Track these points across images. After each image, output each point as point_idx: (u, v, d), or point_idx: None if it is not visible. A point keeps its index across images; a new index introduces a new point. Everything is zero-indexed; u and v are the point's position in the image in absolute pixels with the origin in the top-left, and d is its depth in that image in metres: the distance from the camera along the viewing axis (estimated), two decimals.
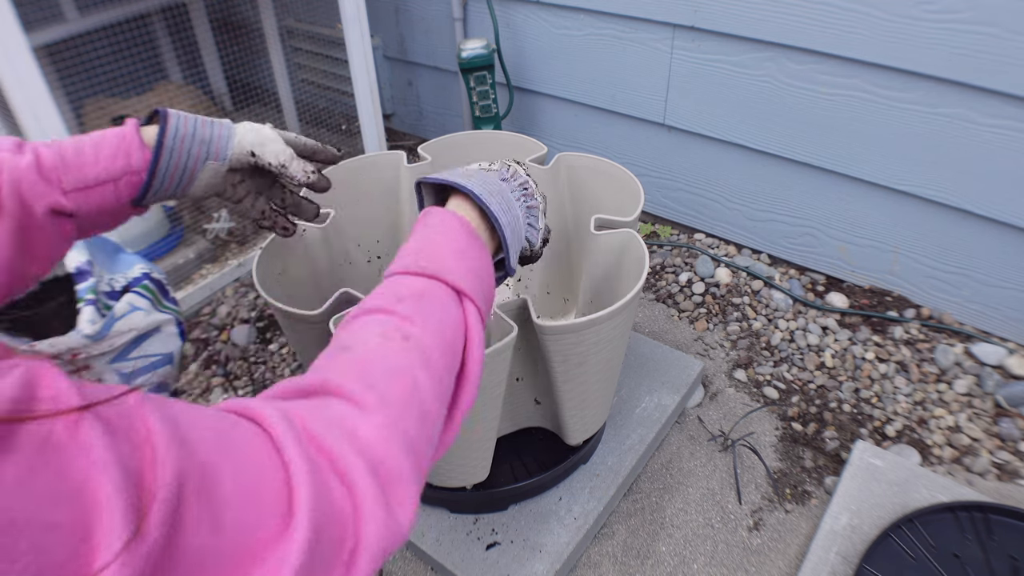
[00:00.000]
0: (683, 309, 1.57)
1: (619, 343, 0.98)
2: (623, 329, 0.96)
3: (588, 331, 0.88)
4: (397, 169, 1.21)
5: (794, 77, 1.39)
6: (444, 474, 1.03)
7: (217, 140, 0.73)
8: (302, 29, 2.13)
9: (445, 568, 1.04)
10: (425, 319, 0.49)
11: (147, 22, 2.10)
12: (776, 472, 1.22)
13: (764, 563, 1.08)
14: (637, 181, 1.10)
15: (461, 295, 0.53)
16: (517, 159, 0.79)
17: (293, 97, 2.21)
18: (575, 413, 1.02)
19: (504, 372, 0.89)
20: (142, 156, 0.68)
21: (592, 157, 1.18)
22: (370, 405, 0.42)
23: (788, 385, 1.37)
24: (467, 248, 0.56)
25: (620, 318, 0.90)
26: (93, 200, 0.65)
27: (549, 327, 0.86)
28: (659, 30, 1.53)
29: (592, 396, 1.01)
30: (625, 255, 1.02)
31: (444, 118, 2.17)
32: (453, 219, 0.59)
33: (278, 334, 1.57)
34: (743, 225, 1.67)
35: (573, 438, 1.07)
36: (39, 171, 0.62)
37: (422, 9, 1.96)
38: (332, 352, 0.48)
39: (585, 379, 0.96)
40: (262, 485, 0.35)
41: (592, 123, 1.81)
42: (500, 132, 1.29)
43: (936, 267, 1.42)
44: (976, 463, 1.19)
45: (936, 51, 1.19)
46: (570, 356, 0.91)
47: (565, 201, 1.23)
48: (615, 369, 1.04)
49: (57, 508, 0.27)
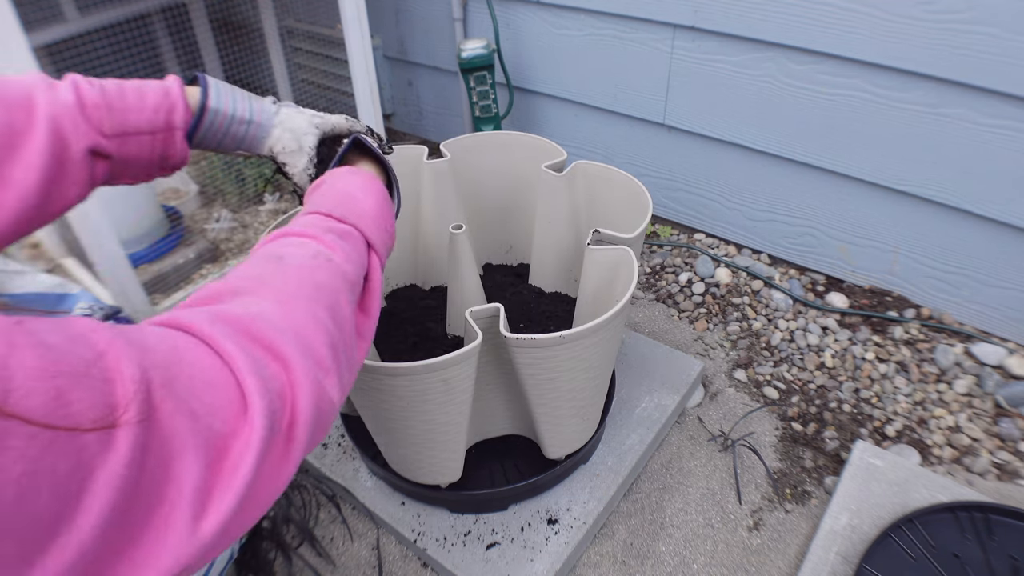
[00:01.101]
0: (683, 309, 1.57)
1: (597, 363, 0.95)
2: (600, 349, 0.92)
3: (557, 348, 0.86)
4: (418, 163, 1.22)
5: (794, 77, 1.39)
6: (415, 470, 1.03)
7: (251, 140, 0.74)
8: (302, 29, 2.13)
9: (445, 568, 1.04)
10: (345, 253, 0.59)
11: (147, 22, 2.10)
12: (776, 472, 1.22)
13: (764, 563, 1.08)
14: (648, 196, 1.08)
15: (371, 247, 0.65)
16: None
17: (293, 97, 2.21)
18: (549, 429, 1.01)
19: (470, 377, 0.88)
20: (184, 118, 0.68)
21: (607, 167, 1.16)
22: (289, 298, 0.49)
23: (788, 385, 1.37)
24: (382, 210, 0.69)
25: (594, 338, 0.88)
26: (130, 149, 0.65)
27: (513, 339, 0.85)
28: (659, 30, 1.53)
29: (566, 414, 0.99)
30: (619, 271, 1.00)
31: (444, 118, 2.17)
32: (376, 184, 0.71)
33: None
34: (743, 225, 1.67)
35: (550, 453, 1.06)
36: (82, 109, 0.61)
37: (422, 9, 1.96)
38: (264, 259, 0.54)
39: (557, 396, 0.94)
40: (214, 381, 0.39)
41: (592, 123, 1.81)
42: (521, 134, 1.27)
43: (936, 267, 1.42)
44: (976, 463, 1.19)
45: (936, 51, 1.19)
46: (538, 372, 0.90)
47: (580, 210, 1.22)
48: (594, 389, 1.02)
49: None
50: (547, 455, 1.07)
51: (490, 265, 1.43)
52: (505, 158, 1.29)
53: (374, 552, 1.12)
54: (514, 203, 1.34)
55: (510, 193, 1.33)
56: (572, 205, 1.20)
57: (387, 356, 1.16)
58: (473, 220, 1.33)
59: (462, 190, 1.26)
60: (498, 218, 1.36)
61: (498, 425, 1.12)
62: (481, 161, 1.29)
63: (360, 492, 1.15)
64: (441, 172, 1.20)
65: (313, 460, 1.21)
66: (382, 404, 0.90)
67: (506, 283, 1.34)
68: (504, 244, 1.41)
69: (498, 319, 0.88)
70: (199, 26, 2.14)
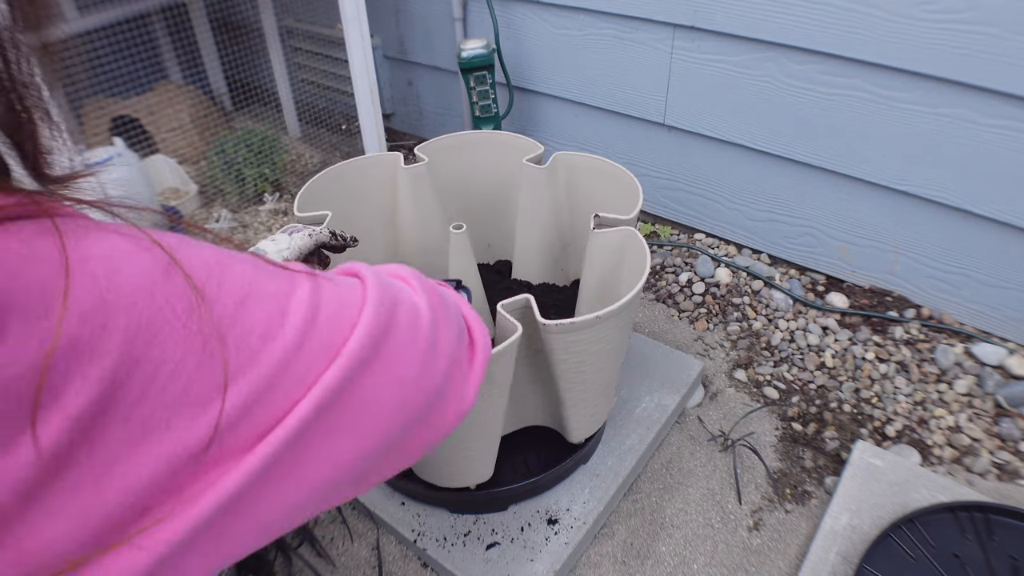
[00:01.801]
0: (683, 309, 1.57)
1: (620, 341, 0.98)
2: (625, 327, 0.96)
3: (591, 329, 0.88)
4: (394, 169, 1.22)
5: (794, 77, 1.39)
6: (449, 474, 1.03)
7: None
8: (302, 29, 2.13)
9: (445, 568, 1.04)
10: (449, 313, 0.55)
11: (147, 22, 2.10)
12: (776, 472, 1.22)
13: (764, 563, 1.08)
14: (635, 179, 1.10)
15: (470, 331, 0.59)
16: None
17: (293, 97, 2.21)
18: (577, 411, 1.02)
19: (509, 371, 0.89)
20: None
21: (590, 156, 1.18)
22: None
23: (788, 385, 1.37)
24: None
25: (623, 316, 0.90)
26: None
27: (553, 325, 0.86)
28: (659, 30, 1.53)
29: (593, 394, 1.01)
30: (625, 253, 1.02)
31: (444, 118, 2.17)
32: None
33: None
34: (743, 225, 1.67)
35: (575, 436, 1.07)
36: None
37: (422, 9, 1.96)
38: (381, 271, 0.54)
39: (585, 377, 0.96)
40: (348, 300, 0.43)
41: (592, 123, 1.81)
42: (497, 132, 1.30)
43: (936, 267, 1.42)
44: (976, 463, 1.19)
45: (936, 51, 1.19)
46: (572, 354, 0.91)
47: (562, 201, 1.23)
48: (616, 367, 1.04)
49: None
50: (571, 439, 1.08)
51: None
52: (481, 157, 1.30)
53: (374, 552, 1.12)
54: (493, 202, 1.35)
55: (488, 192, 1.34)
56: (554, 196, 1.21)
57: None
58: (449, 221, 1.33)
59: (440, 193, 1.26)
60: (477, 218, 1.36)
61: (525, 416, 1.12)
62: (457, 162, 1.29)
63: None
64: (418, 176, 1.20)
65: None
66: None
67: (491, 281, 1.34)
68: (482, 243, 1.41)
69: (530, 309, 0.88)
70: (199, 26, 2.14)
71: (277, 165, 1.99)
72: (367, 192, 1.22)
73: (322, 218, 1.06)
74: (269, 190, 1.97)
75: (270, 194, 1.97)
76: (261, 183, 1.96)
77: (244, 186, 1.95)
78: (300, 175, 2.07)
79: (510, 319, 0.87)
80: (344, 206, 1.16)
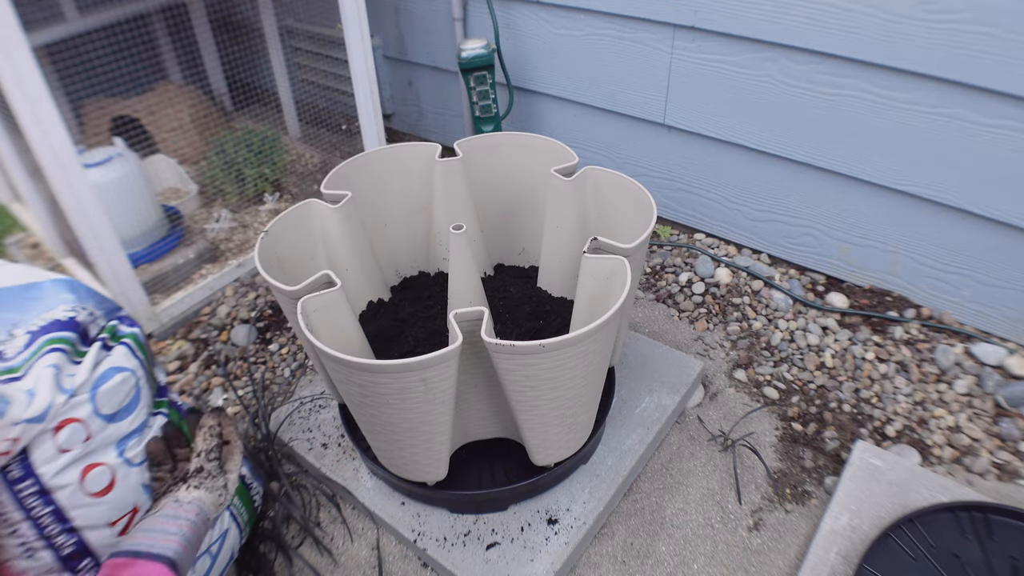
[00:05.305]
0: (683, 309, 1.57)
1: (581, 374, 0.93)
2: (585, 360, 0.91)
3: (539, 355, 0.85)
4: (430, 160, 1.25)
5: (794, 77, 1.39)
6: (401, 466, 1.04)
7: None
8: (302, 29, 2.13)
9: (445, 568, 1.04)
10: None
11: (147, 22, 2.10)
12: (776, 472, 1.22)
13: (764, 563, 1.08)
14: (653, 204, 1.06)
15: None
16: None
17: (293, 97, 2.21)
18: (535, 434, 1.00)
19: (450, 379, 0.88)
20: None
21: (616, 174, 1.15)
22: None
23: (788, 385, 1.37)
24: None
25: (577, 348, 0.87)
26: None
27: (493, 345, 0.85)
28: (659, 30, 1.53)
29: (555, 421, 0.99)
30: (613, 283, 0.98)
31: (444, 118, 2.17)
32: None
33: (278, 334, 1.57)
34: (743, 225, 1.67)
35: (537, 460, 1.06)
36: None
37: (422, 9, 1.96)
38: None
39: (539, 404, 0.94)
40: None
41: (592, 123, 1.81)
42: (536, 137, 1.27)
43: (936, 267, 1.42)
44: (976, 463, 1.19)
45: (936, 51, 1.19)
46: (521, 377, 0.89)
47: (590, 215, 1.21)
48: (582, 399, 1.01)
49: None
50: (534, 462, 1.06)
51: (502, 266, 1.43)
52: (519, 160, 1.29)
53: (374, 552, 1.12)
54: (527, 206, 1.33)
55: (523, 195, 1.33)
56: (581, 210, 1.19)
57: (406, 348, 1.17)
58: (485, 220, 1.33)
59: (475, 190, 1.26)
60: (511, 220, 1.36)
61: (486, 428, 1.12)
62: (495, 162, 1.29)
63: (360, 492, 1.16)
64: (452, 171, 1.20)
65: (313, 460, 1.21)
66: (365, 400, 0.91)
67: (514, 284, 1.33)
68: (517, 246, 1.41)
69: (481, 323, 0.87)
70: (199, 26, 2.15)
71: (277, 165, 1.99)
72: (396, 180, 1.26)
73: (341, 196, 1.11)
74: (269, 190, 1.97)
75: (270, 194, 1.97)
76: (261, 183, 1.96)
77: (244, 186, 1.95)
78: (300, 175, 2.07)
79: (455, 328, 0.87)
80: (371, 191, 1.21)
